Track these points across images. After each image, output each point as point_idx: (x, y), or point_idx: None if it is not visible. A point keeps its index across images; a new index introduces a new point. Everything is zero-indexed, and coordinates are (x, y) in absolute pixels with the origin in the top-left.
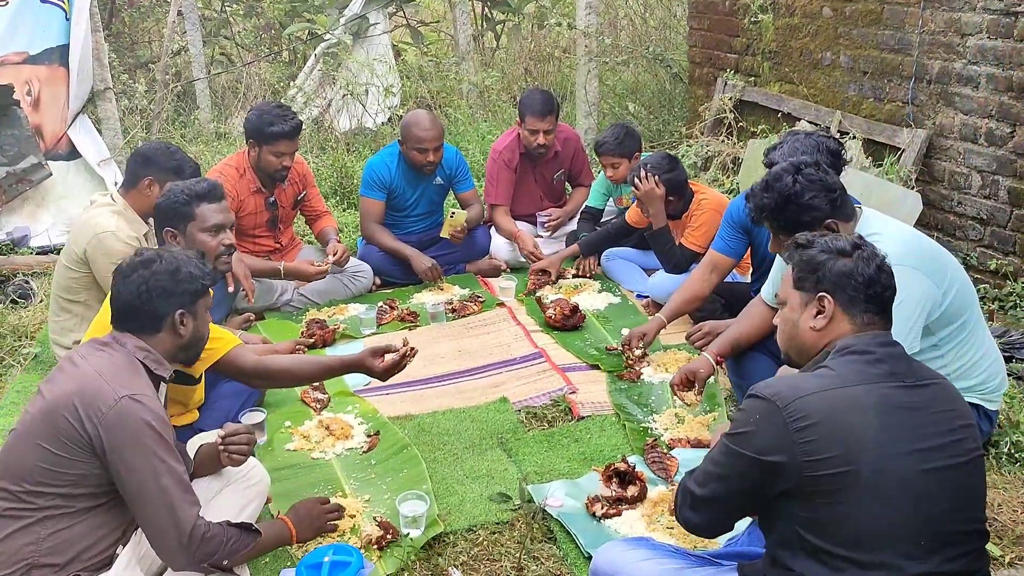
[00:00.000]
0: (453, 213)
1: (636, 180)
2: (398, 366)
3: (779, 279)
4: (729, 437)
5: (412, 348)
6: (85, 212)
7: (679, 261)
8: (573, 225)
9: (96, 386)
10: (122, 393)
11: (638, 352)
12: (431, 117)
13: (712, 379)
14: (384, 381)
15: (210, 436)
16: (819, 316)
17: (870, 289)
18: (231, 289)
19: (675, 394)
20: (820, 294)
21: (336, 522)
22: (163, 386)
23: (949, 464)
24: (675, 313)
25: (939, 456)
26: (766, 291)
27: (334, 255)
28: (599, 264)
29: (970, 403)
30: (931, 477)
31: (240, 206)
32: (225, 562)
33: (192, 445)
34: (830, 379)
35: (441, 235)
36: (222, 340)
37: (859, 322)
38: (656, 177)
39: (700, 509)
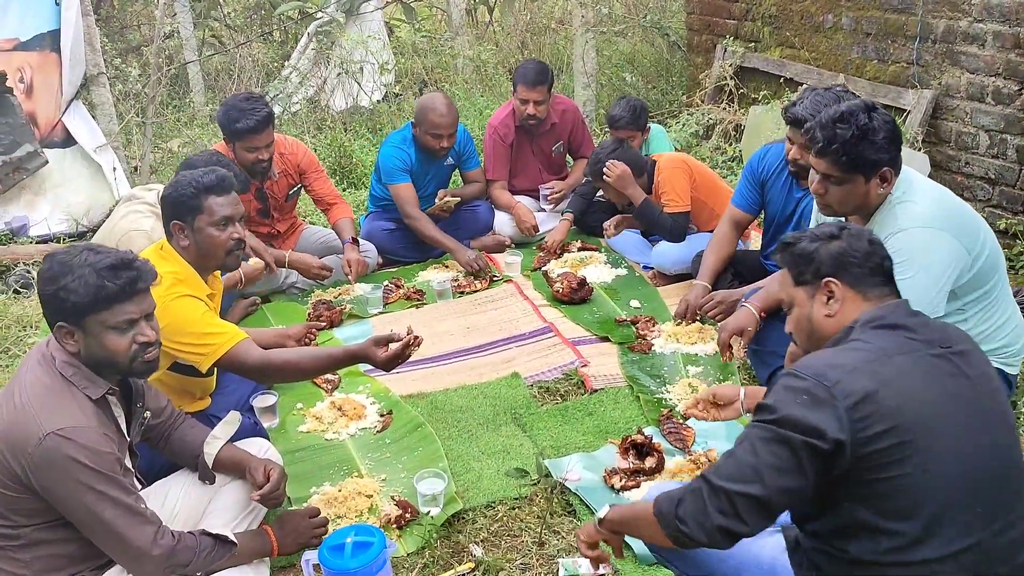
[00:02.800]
0: (444, 198)
1: (606, 171)
2: (401, 356)
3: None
4: (771, 423)
5: (416, 337)
6: (121, 205)
7: (673, 228)
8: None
9: (23, 421)
10: (47, 429)
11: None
12: (447, 103)
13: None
14: (388, 371)
15: (224, 432)
16: (831, 301)
17: (870, 262)
18: (250, 263)
19: (722, 352)
20: (824, 280)
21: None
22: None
23: (997, 433)
24: (713, 273)
25: (987, 424)
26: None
27: (349, 270)
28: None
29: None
30: (982, 444)
31: None
32: (199, 573)
33: (213, 443)
34: (870, 351)
35: (430, 211)
36: (225, 335)
37: (874, 296)
38: (610, 158)
39: (754, 514)
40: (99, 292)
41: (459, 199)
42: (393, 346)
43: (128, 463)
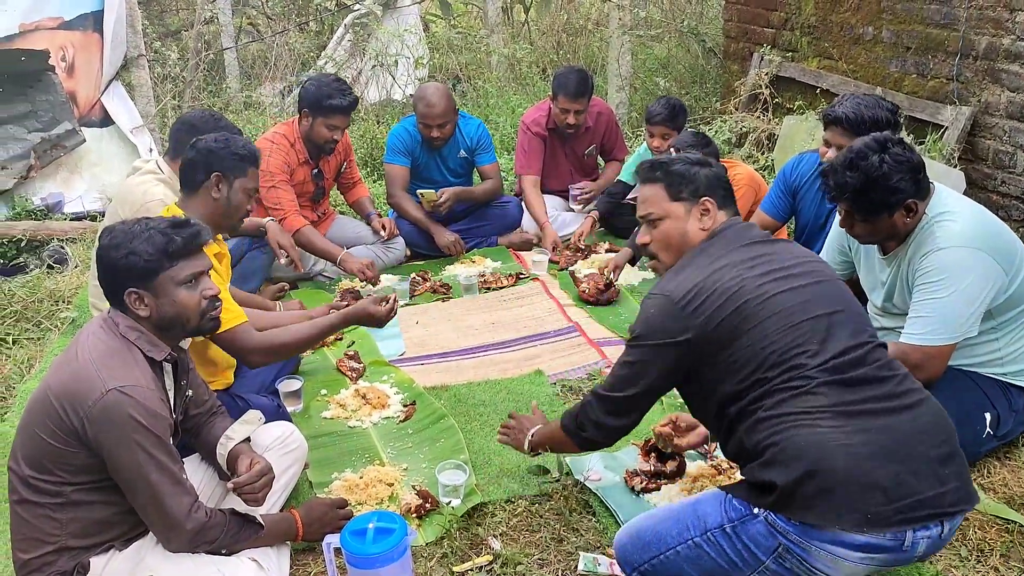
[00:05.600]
0: (423, 193)
1: None
2: (392, 312)
3: (829, 251)
4: (636, 339)
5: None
6: (129, 179)
7: None
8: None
9: (85, 377)
10: (110, 385)
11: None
12: (440, 93)
13: None
14: (381, 328)
15: (241, 432)
16: (705, 217)
17: (728, 186)
18: (282, 262)
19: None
20: (703, 198)
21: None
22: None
23: (816, 280)
24: None
25: (808, 277)
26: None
27: (383, 229)
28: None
29: (1019, 386)
30: (804, 290)
31: (290, 176)
32: (224, 550)
33: (226, 443)
34: (703, 257)
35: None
36: (231, 312)
37: (728, 214)
38: (700, 152)
39: (623, 411)
40: (168, 247)
41: (440, 194)
42: (388, 305)
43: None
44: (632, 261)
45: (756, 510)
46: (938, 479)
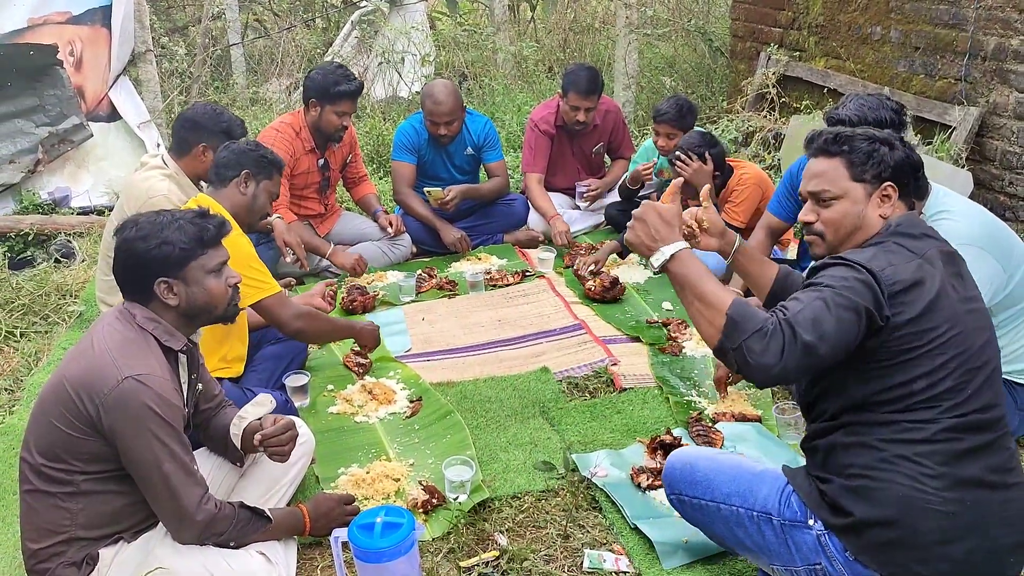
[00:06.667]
0: (429, 191)
1: (681, 161)
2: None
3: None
4: (843, 291)
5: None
6: (135, 174)
7: None
8: (611, 197)
9: (101, 365)
10: (126, 374)
11: None
12: (448, 90)
13: None
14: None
15: (253, 413)
16: (885, 204)
17: (918, 173)
18: (288, 259)
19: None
20: (886, 183)
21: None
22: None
23: (987, 324)
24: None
25: (983, 317)
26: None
27: (390, 226)
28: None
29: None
30: (983, 332)
31: (295, 165)
32: (232, 543)
33: (239, 423)
34: (901, 253)
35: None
36: (272, 281)
37: (906, 205)
38: (706, 153)
39: (809, 365)
40: (202, 235)
41: (447, 191)
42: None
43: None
44: (621, 254)
45: (811, 521)
46: (1002, 566)
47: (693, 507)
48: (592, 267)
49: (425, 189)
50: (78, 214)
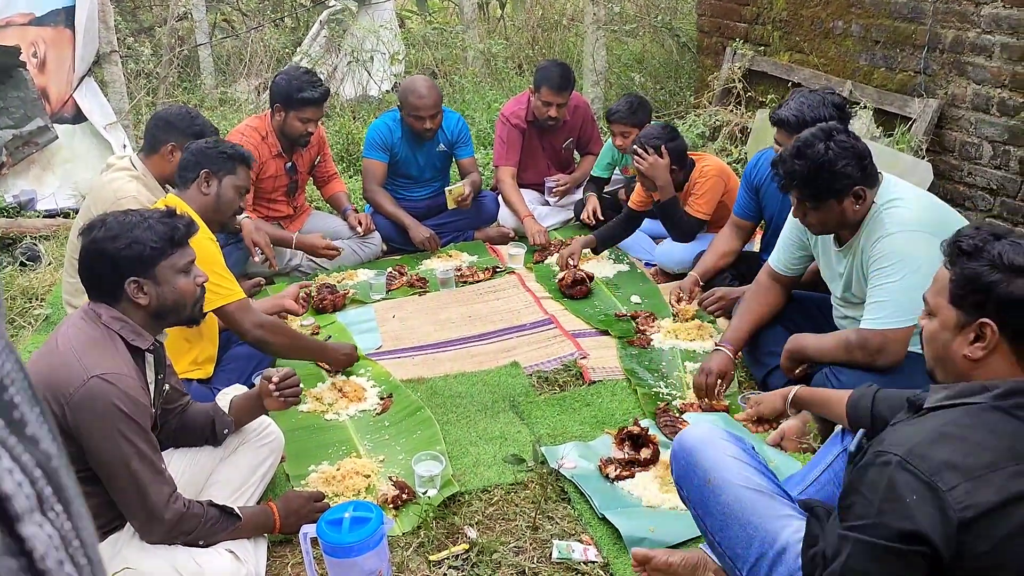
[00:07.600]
0: (450, 189)
1: (638, 155)
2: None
3: (787, 246)
4: (872, 534)
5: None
6: (103, 176)
7: (687, 229)
8: (580, 194)
9: (67, 365)
10: (92, 373)
11: (683, 303)
12: (428, 84)
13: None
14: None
15: (235, 390)
16: (976, 344)
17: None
18: (257, 259)
19: (698, 393)
20: (982, 320)
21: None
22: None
23: None
24: (707, 270)
25: None
26: (774, 259)
27: (359, 225)
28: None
29: None
30: None
31: (261, 169)
32: (201, 542)
33: (223, 399)
34: (998, 451)
35: (449, 207)
36: (236, 287)
37: (1009, 360)
38: (663, 147)
39: None
40: (172, 234)
41: (462, 184)
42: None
43: None
44: (595, 250)
45: None
46: None
47: (701, 501)
48: (570, 260)
49: (446, 189)
50: (44, 217)
